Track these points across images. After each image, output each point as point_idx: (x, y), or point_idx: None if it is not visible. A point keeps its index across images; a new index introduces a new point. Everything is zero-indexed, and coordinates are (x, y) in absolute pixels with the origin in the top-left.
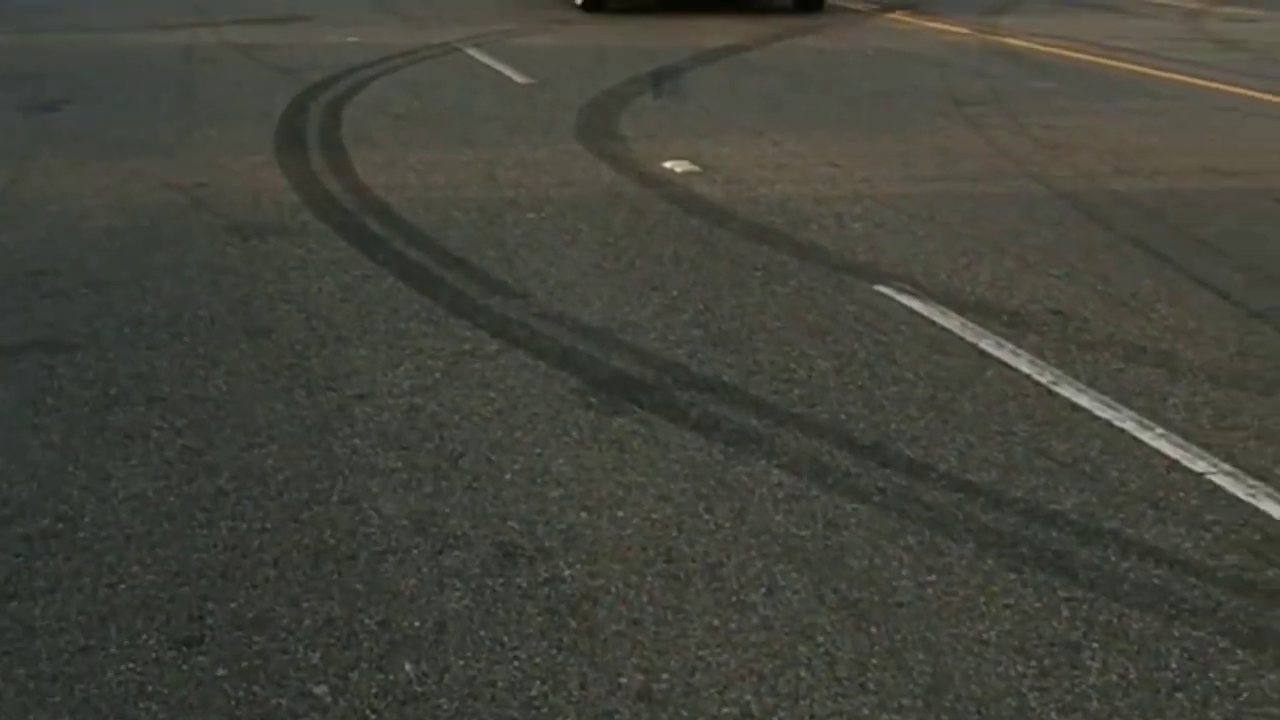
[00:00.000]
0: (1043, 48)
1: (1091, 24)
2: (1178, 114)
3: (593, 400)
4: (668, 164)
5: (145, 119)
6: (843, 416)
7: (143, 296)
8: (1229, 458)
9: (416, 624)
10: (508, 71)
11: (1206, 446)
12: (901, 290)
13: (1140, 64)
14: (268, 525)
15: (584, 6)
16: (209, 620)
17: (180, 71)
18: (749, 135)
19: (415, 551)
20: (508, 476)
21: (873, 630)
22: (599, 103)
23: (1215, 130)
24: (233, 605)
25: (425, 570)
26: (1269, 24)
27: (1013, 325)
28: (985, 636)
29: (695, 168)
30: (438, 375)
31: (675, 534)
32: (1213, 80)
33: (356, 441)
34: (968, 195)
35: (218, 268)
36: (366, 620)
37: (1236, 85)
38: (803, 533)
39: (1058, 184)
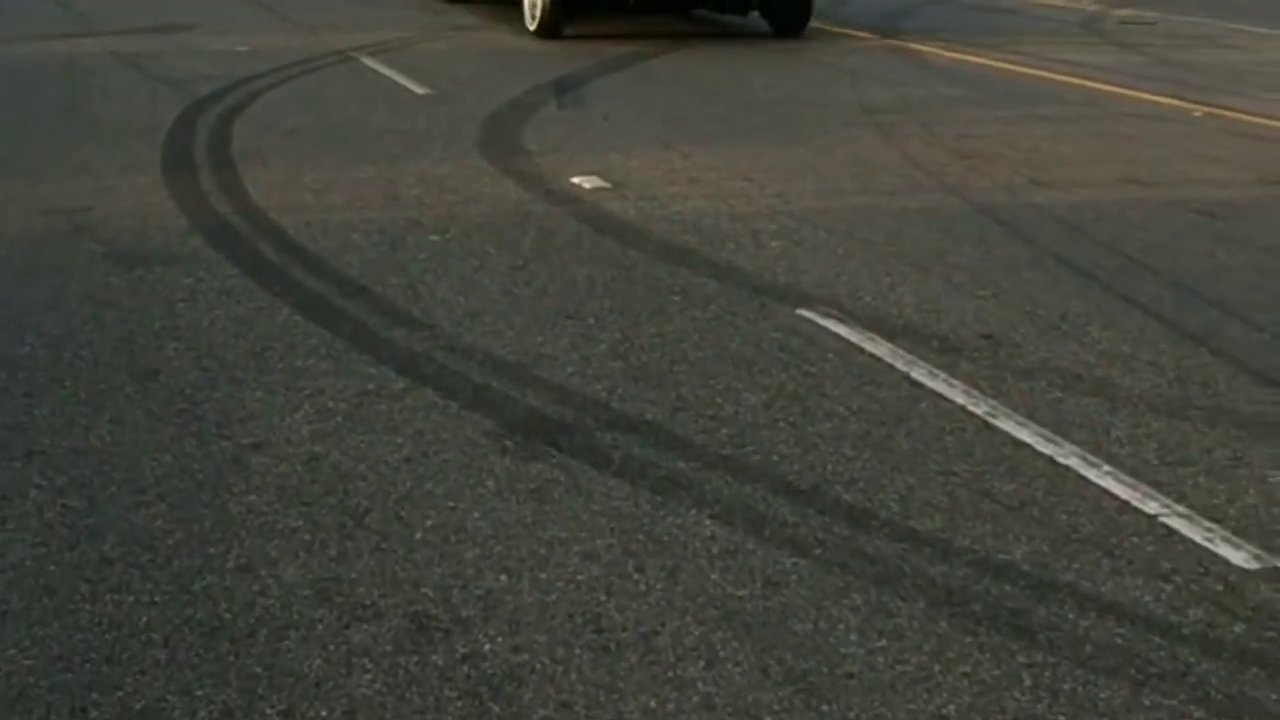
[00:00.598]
0: (947, 53)
1: (992, 29)
2: (1089, 122)
3: (508, 444)
4: (576, 179)
5: (23, 137)
6: (775, 458)
7: (20, 335)
8: (1180, 497)
9: (323, 712)
10: (405, 82)
11: (1156, 485)
12: (826, 315)
13: (1045, 69)
14: (157, 598)
15: (537, 32)
16: (93, 713)
17: (60, 85)
18: (657, 148)
19: (320, 626)
20: (419, 535)
21: (824, 708)
22: (501, 114)
23: (1127, 138)
24: (119, 694)
25: (332, 648)
26: (1164, 26)
27: (944, 352)
28: (944, 711)
29: (604, 183)
30: (340, 419)
31: (604, 598)
32: (1118, 85)
33: (253, 498)
34: (886, 210)
35: (101, 301)
36: (268, 709)
37: (1143, 90)
38: (741, 593)
39: (976, 197)
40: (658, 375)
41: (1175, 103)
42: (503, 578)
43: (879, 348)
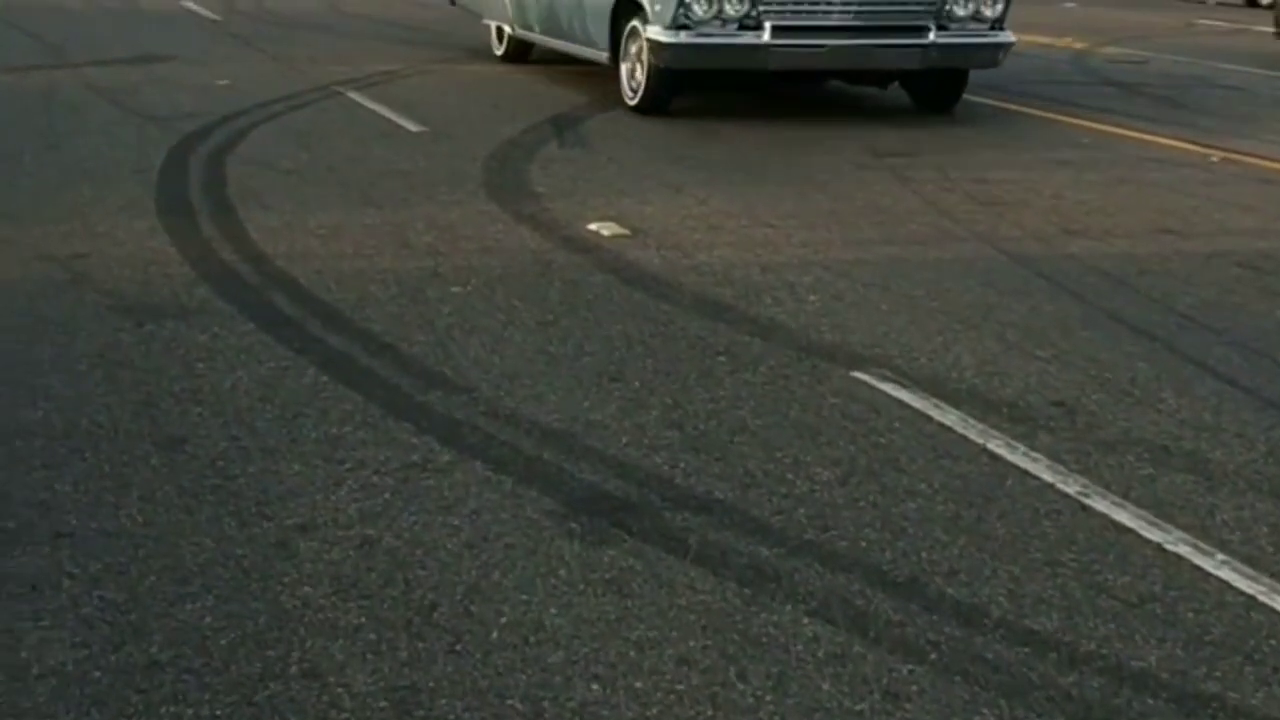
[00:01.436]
0: None
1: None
2: (1108, 167)
3: (574, 526)
4: (593, 226)
5: (7, 175)
6: (863, 543)
7: (31, 400)
8: None
9: None
10: (397, 118)
11: (1278, 576)
12: (883, 377)
13: (1049, 110)
14: (219, 711)
15: (638, 107)
16: None
17: (40, 120)
18: (669, 191)
19: None
20: (494, 634)
21: None
22: (503, 154)
23: (1151, 185)
24: None
25: None
26: (1156, 65)
27: (1017, 421)
28: None
29: (623, 230)
30: (387, 496)
31: (710, 712)
32: (1128, 128)
33: (307, 589)
34: (920, 261)
35: (112, 360)
36: None
37: (1155, 134)
38: (859, 707)
39: (1009, 247)
40: (718, 446)
41: (1190, 147)
42: (595, 687)
43: (947, 415)
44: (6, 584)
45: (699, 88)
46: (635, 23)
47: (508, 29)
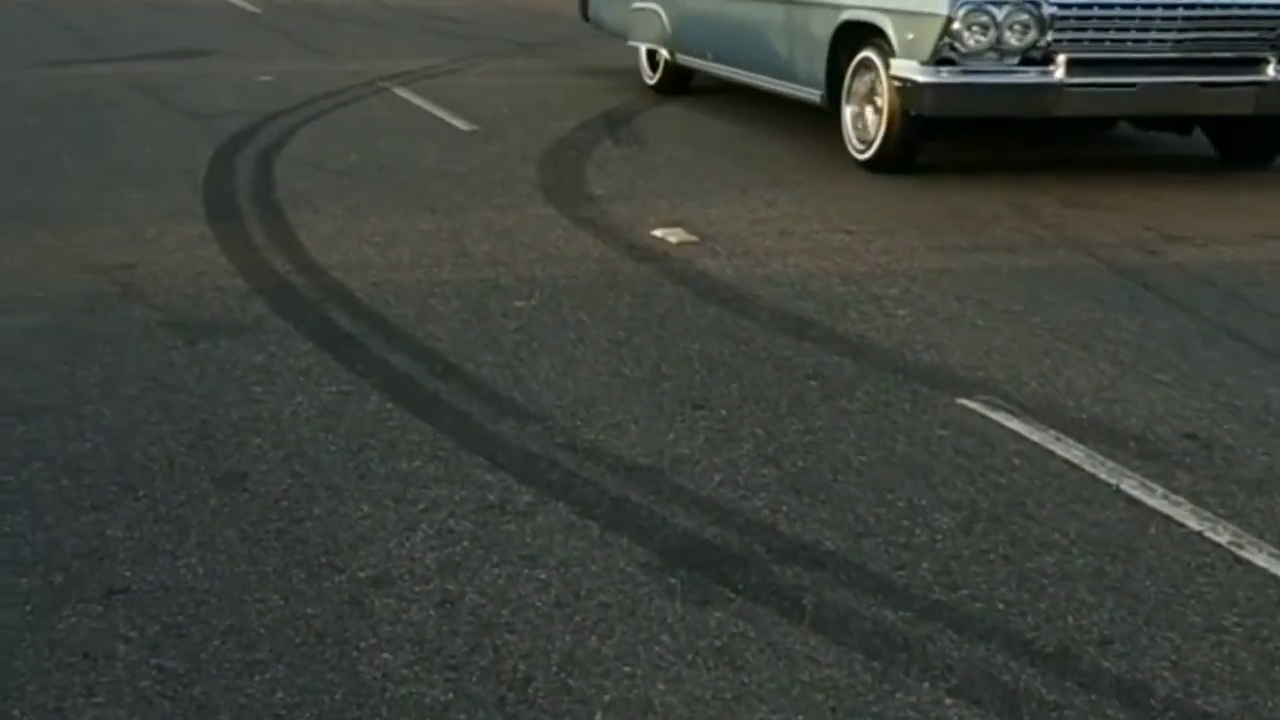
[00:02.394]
0: None
1: None
2: (1175, 164)
3: (672, 582)
4: (657, 232)
5: (50, 178)
6: (999, 605)
7: (79, 429)
8: None
9: None
10: (445, 116)
11: None
12: (993, 405)
13: None
14: None
15: (871, 163)
16: None
17: (81, 118)
18: (733, 193)
19: None
20: (598, 716)
21: None
22: (556, 153)
23: (1227, 185)
24: None
25: None
26: None
27: (1148, 456)
28: None
29: (690, 237)
30: (466, 543)
31: None
32: None
33: (386, 656)
34: (1012, 271)
35: (165, 384)
36: None
37: None
38: None
39: (1105, 255)
40: (822, 486)
41: None
42: None
43: (1071, 451)
44: (56, 651)
45: (955, 131)
46: (869, 54)
47: (664, 53)
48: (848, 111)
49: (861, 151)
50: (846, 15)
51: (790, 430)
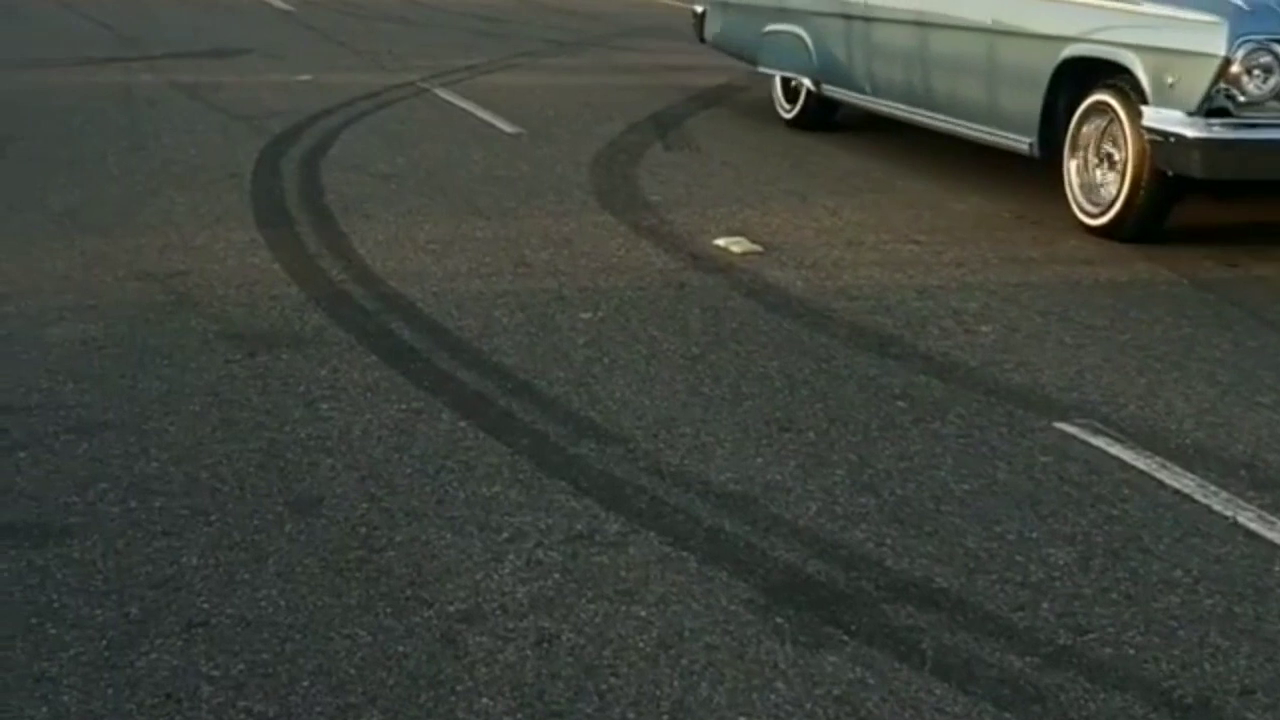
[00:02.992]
0: None
1: None
2: None
3: (780, 622)
4: (720, 241)
5: (93, 180)
6: (1130, 650)
7: (143, 447)
8: None
9: None
10: (490, 118)
11: None
12: (1093, 429)
13: None
14: None
15: (1110, 230)
16: None
17: (121, 118)
18: (794, 200)
19: None
20: None
21: None
22: (607, 157)
23: None
24: None
25: None
26: None
27: (1261, 487)
28: None
29: (754, 247)
30: (557, 576)
31: None
32: None
33: (486, 701)
34: (1093, 285)
35: (227, 399)
36: None
37: None
38: None
39: (1186, 268)
40: (925, 517)
41: None
42: None
43: (1180, 480)
44: (137, 691)
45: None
46: (1105, 97)
47: (807, 84)
48: (1071, 166)
49: (1093, 215)
50: (1073, 50)
51: (883, 455)
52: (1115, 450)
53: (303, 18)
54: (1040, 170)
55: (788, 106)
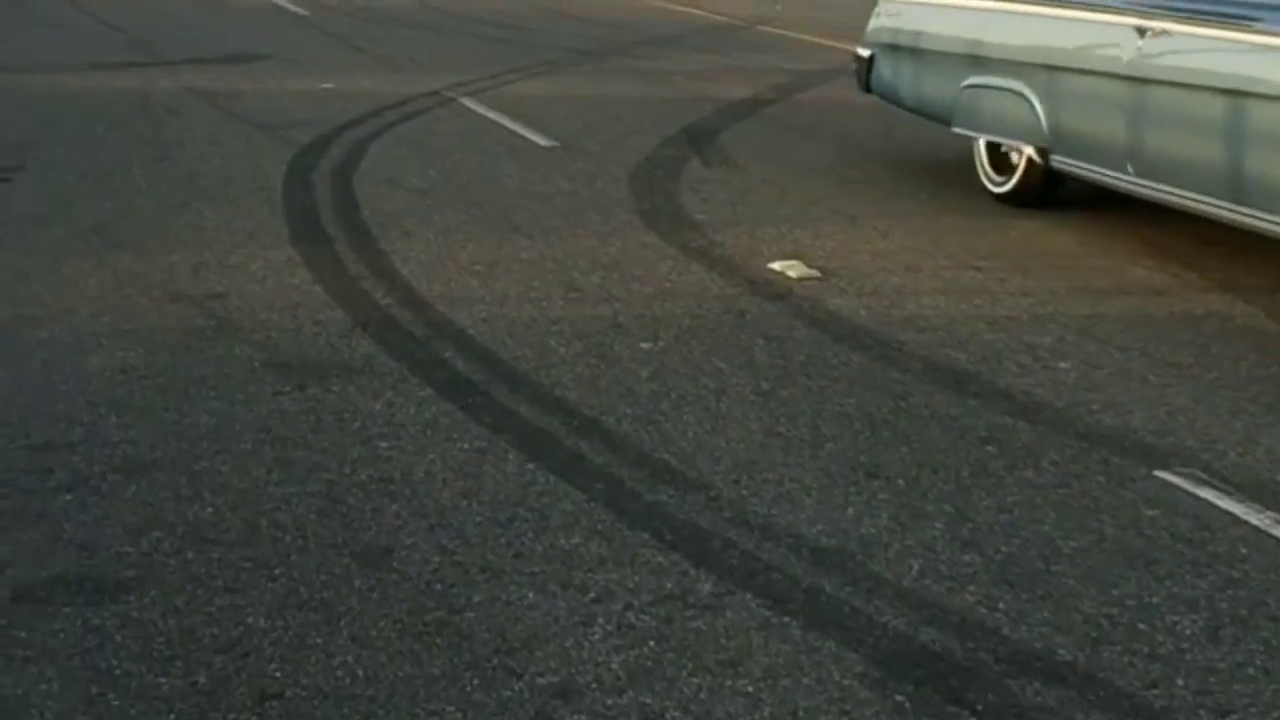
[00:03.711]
0: None
1: None
2: None
3: (900, 700)
4: (775, 265)
5: (119, 193)
6: None
7: (195, 490)
8: None
9: None
10: (520, 129)
11: None
12: (1196, 480)
13: None
14: None
15: None
16: None
17: (142, 127)
18: (843, 221)
19: None
20: None
21: None
22: (645, 173)
23: None
24: None
25: None
26: None
27: None
28: None
29: (811, 271)
30: (652, 644)
31: None
32: None
33: None
34: (1169, 318)
35: (280, 436)
36: None
37: None
38: None
39: (1260, 300)
40: (1036, 579)
41: None
42: None
43: None
44: None
45: None
46: None
47: (1028, 152)
48: None
49: None
50: None
51: (981, 506)
52: (1224, 504)
53: (317, 22)
54: (1093, 196)
55: (998, 178)
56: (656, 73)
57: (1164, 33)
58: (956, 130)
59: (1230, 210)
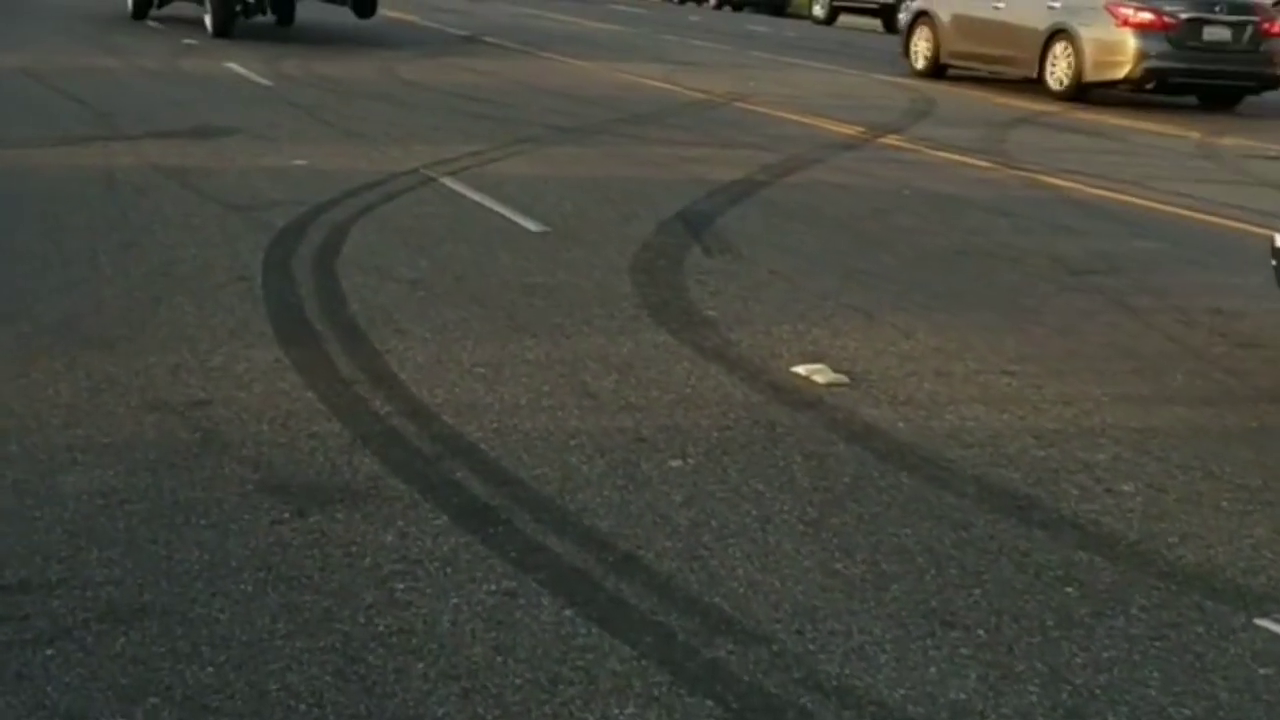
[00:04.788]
0: (1089, 189)
1: (1108, 156)
2: None
3: None
4: (800, 370)
5: (87, 282)
6: None
7: (193, 644)
8: None
9: None
10: (508, 213)
11: None
12: None
13: (1218, 214)
14: None
15: None
16: None
17: (107, 208)
18: (860, 318)
19: None
20: None
21: None
22: (646, 263)
23: None
24: None
25: None
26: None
27: None
28: None
29: (838, 376)
30: None
31: None
32: None
33: None
34: (1223, 432)
35: (283, 574)
36: None
37: None
38: None
39: None
40: None
41: None
42: None
43: None
44: None
45: None
46: None
47: None
48: None
49: None
50: None
51: (1075, 665)
52: None
53: (282, 93)
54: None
55: None
56: (642, 151)
57: None
58: None
59: None
